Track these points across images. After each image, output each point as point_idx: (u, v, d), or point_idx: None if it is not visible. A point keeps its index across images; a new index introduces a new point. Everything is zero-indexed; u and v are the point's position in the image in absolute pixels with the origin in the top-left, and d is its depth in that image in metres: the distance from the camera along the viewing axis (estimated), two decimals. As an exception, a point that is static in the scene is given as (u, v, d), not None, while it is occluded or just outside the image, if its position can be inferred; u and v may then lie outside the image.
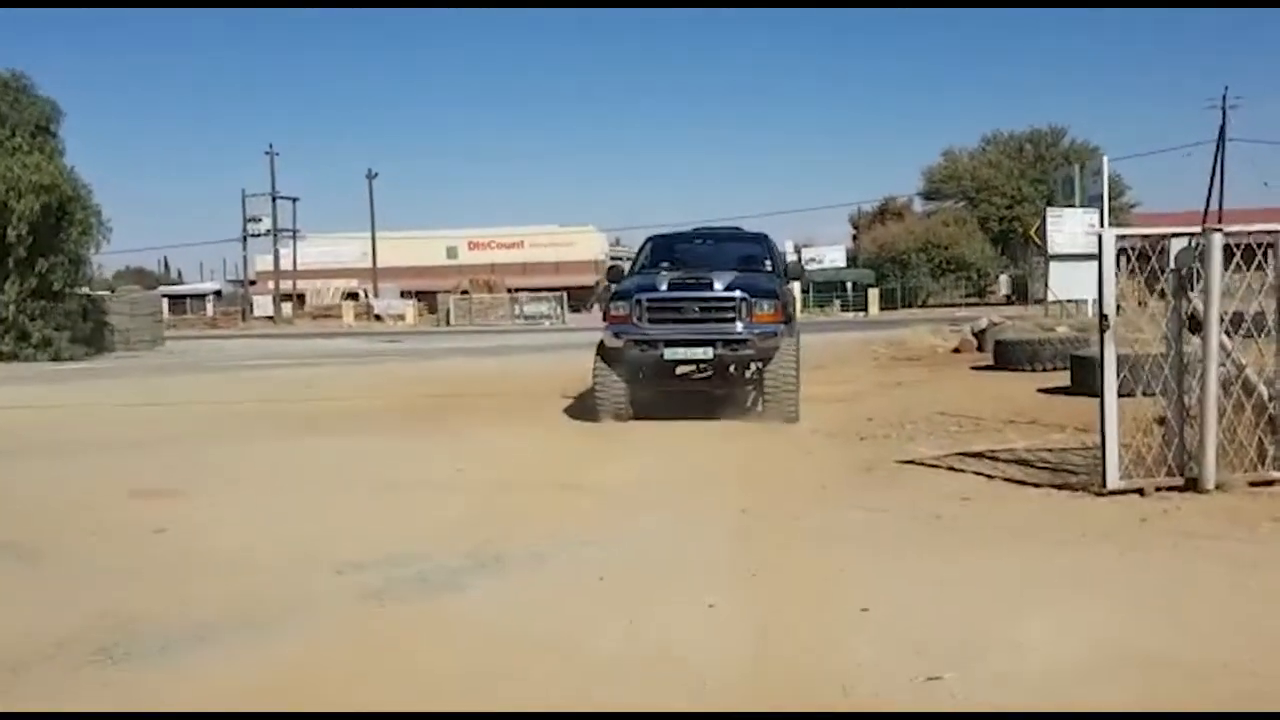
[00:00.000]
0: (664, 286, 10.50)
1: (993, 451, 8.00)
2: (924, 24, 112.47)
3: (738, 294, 10.18)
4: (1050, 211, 25.34)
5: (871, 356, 19.08)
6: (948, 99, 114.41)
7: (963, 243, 57.90)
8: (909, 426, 9.59)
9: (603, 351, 10.48)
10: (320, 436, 10.07)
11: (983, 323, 20.16)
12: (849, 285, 56.56)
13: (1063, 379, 12.62)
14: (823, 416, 10.43)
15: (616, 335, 10.34)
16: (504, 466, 8.21)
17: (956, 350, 19.32)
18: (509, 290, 58.13)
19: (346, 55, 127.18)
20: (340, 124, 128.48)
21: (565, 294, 56.01)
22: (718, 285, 10.32)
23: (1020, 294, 57.79)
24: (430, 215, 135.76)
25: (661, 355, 10.25)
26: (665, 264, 11.56)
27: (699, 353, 10.32)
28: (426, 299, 60.29)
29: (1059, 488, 6.62)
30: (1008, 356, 15.29)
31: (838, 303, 54.09)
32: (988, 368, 15.70)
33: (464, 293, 57.09)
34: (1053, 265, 25.04)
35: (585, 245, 69.90)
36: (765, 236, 12.73)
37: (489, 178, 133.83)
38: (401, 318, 56.68)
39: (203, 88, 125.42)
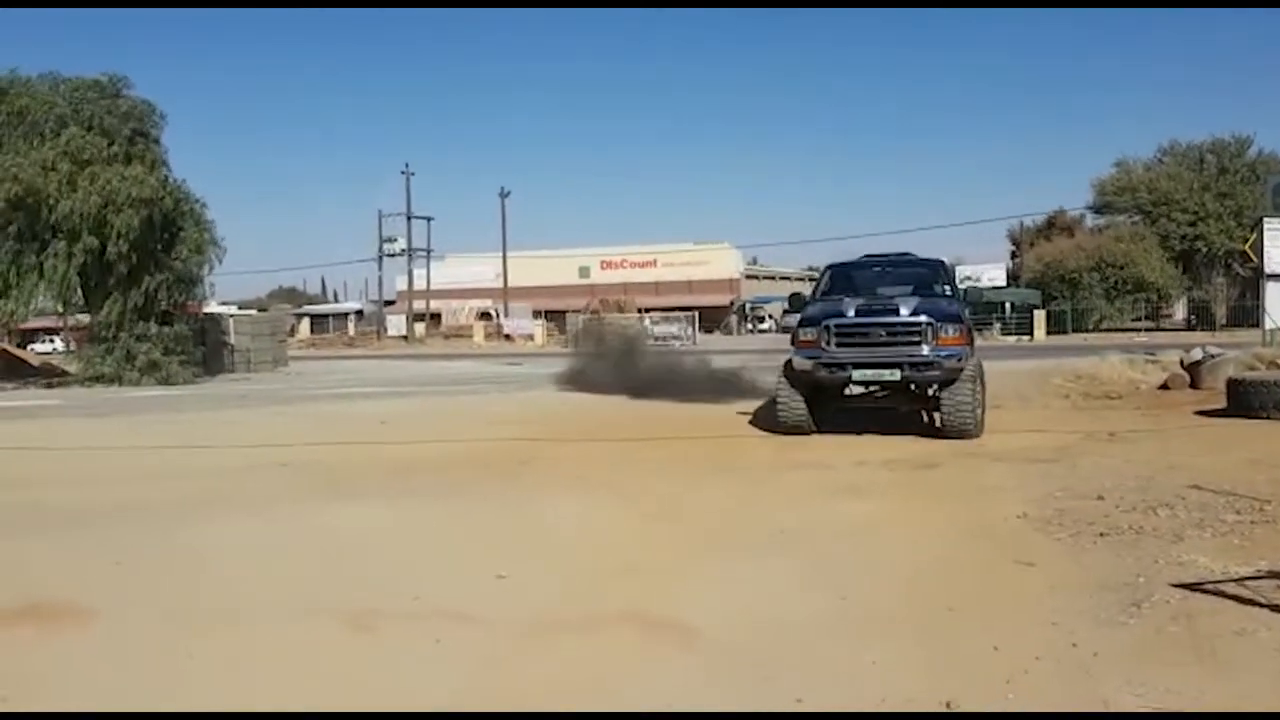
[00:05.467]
0: (851, 313, 11.01)
1: (1334, 575, 5.02)
2: (1088, 24, 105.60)
3: (923, 319, 10.68)
4: (1268, 223, 21.30)
5: (1059, 393, 15.71)
6: (1117, 105, 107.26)
7: (1140, 261, 52.53)
8: (1162, 512, 6.59)
9: (789, 373, 11.23)
10: (347, 504, 7.67)
11: (1196, 353, 16.58)
12: (1008, 306, 52.10)
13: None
14: (1030, 489, 7.51)
15: (806, 359, 10.98)
16: (568, 571, 5.61)
17: (1164, 387, 15.81)
18: (640, 310, 55.93)
19: (481, 72, 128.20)
20: (476, 142, 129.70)
21: (697, 314, 53.48)
22: (903, 310, 10.84)
23: (1202, 318, 52.43)
24: (565, 234, 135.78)
25: (850, 377, 10.93)
26: (845, 291, 12.07)
27: (886, 374, 10.82)
28: (557, 319, 58.78)
29: None
30: (1249, 400, 12.00)
31: (997, 326, 49.71)
32: (1218, 413, 12.38)
33: (594, 313, 55.22)
34: (1270, 286, 21.10)
35: (720, 264, 67.43)
36: (941, 262, 13.20)
37: (623, 194, 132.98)
38: (531, 338, 55.23)
39: (353, 109, 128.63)
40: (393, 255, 65.35)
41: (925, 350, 10.58)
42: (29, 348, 37.92)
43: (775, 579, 5.37)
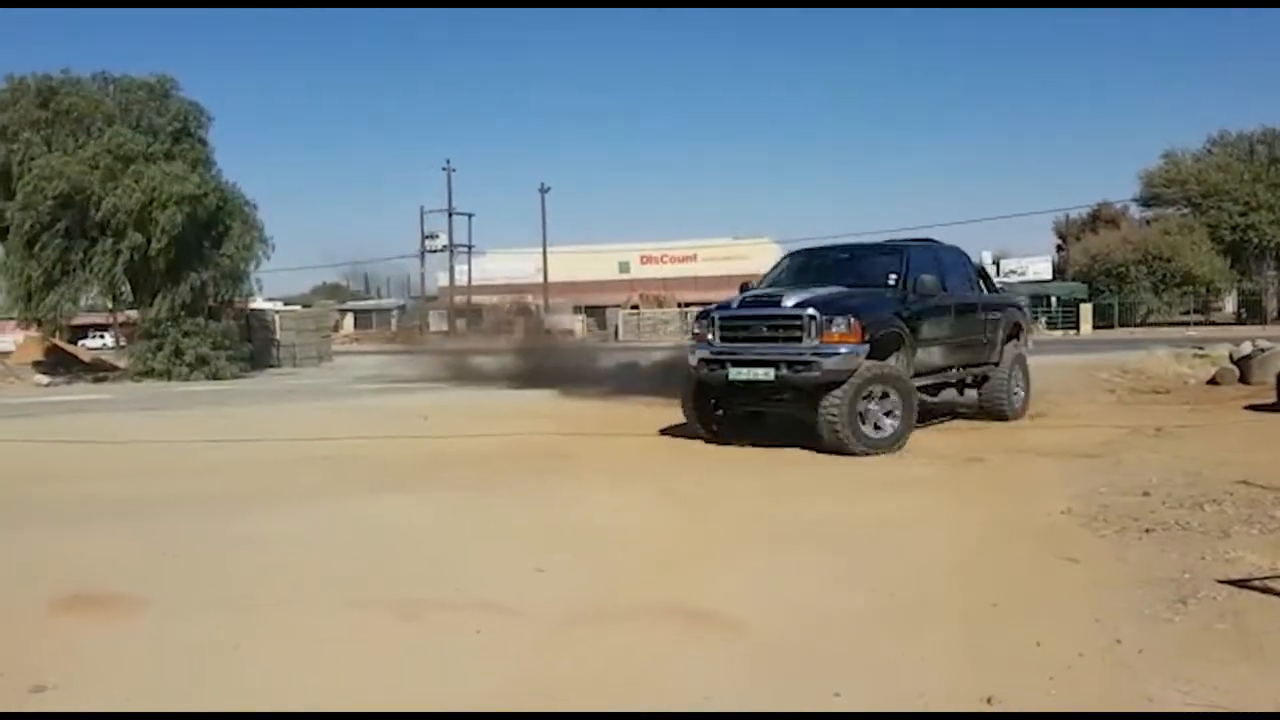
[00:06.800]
0: (737, 304, 10.19)
1: (1385, 572, 4.93)
2: (1132, 15, 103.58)
3: (808, 311, 9.40)
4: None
5: (1105, 387, 15.54)
6: (1165, 96, 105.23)
7: (1187, 253, 51.60)
8: (1209, 508, 6.48)
9: (687, 370, 10.35)
10: (390, 496, 7.75)
11: (1246, 347, 16.31)
12: (1054, 300, 51.46)
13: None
14: (1075, 485, 7.42)
15: (693, 354, 10.11)
16: (605, 564, 5.64)
17: (1213, 381, 15.60)
18: (680, 305, 55.87)
19: (519, 67, 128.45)
20: (516, 138, 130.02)
21: (738, 309, 53.22)
22: (787, 302, 9.66)
23: (1252, 311, 51.48)
24: (604, 229, 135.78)
25: (727, 375, 9.71)
26: (791, 280, 11.00)
27: (760, 373, 9.55)
28: (597, 314, 58.93)
29: None
30: (1301, 394, 11.79)
31: (1043, 320, 49.13)
32: (1268, 408, 12.19)
33: (634, 307, 55.30)
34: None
35: (760, 258, 66.92)
36: (909, 247, 11.27)
37: (663, 189, 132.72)
38: (571, 333, 55.37)
39: (393, 108, 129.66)
40: (434, 251, 65.80)
41: (805, 347, 9.33)
42: (79, 343, 38.63)
43: (816, 572, 5.36)
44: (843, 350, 9.27)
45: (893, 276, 10.43)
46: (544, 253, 64.18)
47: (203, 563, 5.76)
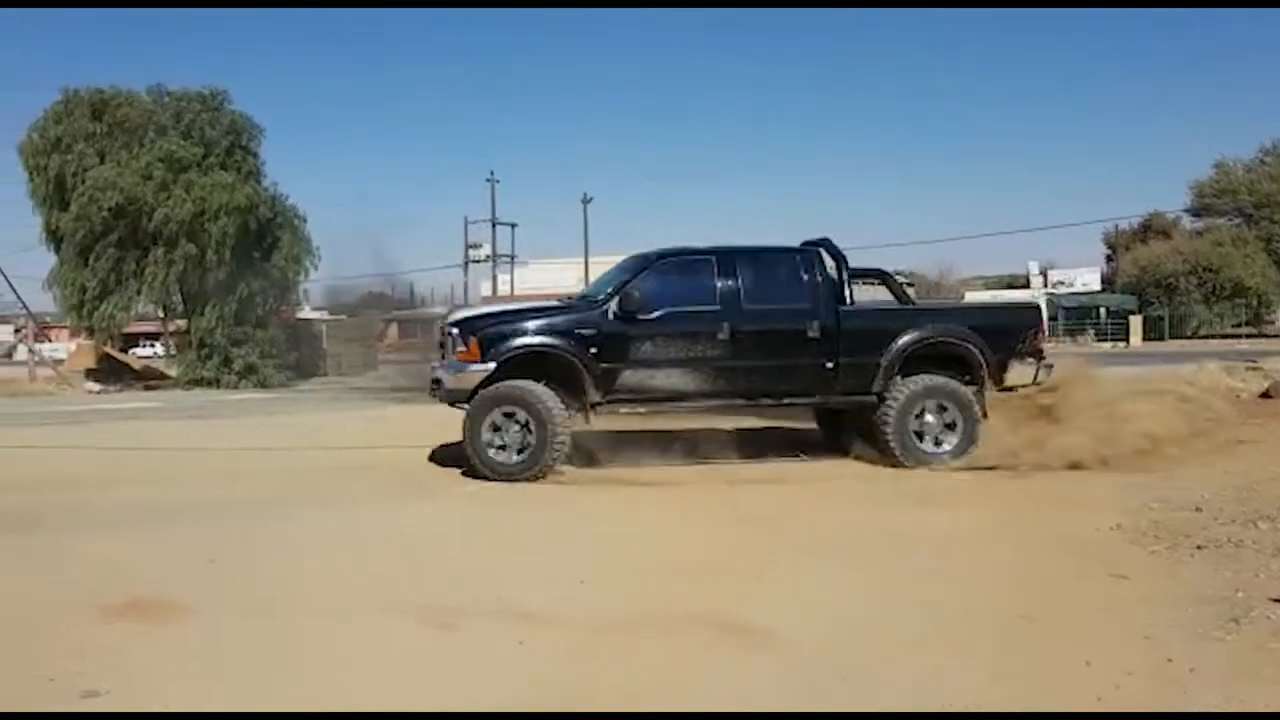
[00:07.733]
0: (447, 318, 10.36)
1: None
2: (1186, 21, 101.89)
3: (450, 329, 9.30)
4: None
5: (1155, 401, 15.25)
6: (1217, 104, 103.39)
7: (1239, 265, 50.68)
8: (1263, 524, 6.34)
9: None
10: (430, 505, 7.86)
11: (1301, 361, 15.98)
12: (1103, 312, 50.78)
13: None
14: (1125, 500, 7.30)
15: None
16: (647, 573, 5.66)
17: (1266, 395, 15.25)
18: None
19: (560, 78, 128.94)
20: (557, 147, 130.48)
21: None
22: (451, 317, 9.82)
23: (1307, 325, 50.50)
24: (645, 237, 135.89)
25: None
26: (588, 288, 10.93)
27: (433, 389, 9.59)
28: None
29: None
30: (1359, 410, 11.51)
31: (1091, 332, 48.48)
32: (1326, 423, 11.91)
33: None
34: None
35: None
36: (648, 258, 9.76)
37: (703, 197, 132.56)
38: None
39: (436, 114, 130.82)
40: (478, 261, 66.28)
41: (443, 364, 9.30)
42: (130, 351, 39.36)
43: (856, 585, 5.32)
44: (469, 369, 8.90)
45: (609, 289, 9.44)
46: (585, 262, 64.44)
47: (246, 569, 5.83)
